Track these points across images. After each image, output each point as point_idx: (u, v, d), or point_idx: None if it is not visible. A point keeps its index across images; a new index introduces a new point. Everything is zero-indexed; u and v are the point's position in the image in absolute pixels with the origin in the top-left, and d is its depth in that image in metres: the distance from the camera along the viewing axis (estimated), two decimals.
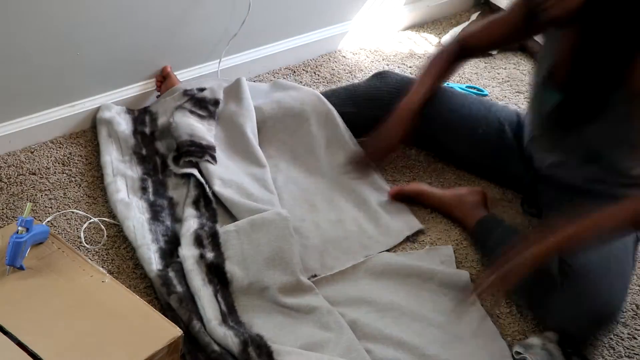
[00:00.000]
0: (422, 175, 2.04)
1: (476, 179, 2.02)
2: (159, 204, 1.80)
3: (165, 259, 1.65)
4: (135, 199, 1.80)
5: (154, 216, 1.76)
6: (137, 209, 1.77)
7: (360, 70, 2.49)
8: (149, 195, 1.83)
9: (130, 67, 2.10)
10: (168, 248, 1.68)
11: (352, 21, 2.59)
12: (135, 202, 1.79)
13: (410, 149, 2.08)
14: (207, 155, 1.87)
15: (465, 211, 1.88)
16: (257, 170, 1.91)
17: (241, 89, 2.06)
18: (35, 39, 1.86)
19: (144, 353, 1.35)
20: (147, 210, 1.77)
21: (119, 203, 1.78)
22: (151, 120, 2.04)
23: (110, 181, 1.85)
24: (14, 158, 1.95)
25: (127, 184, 1.85)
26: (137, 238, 1.69)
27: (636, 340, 1.64)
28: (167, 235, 1.72)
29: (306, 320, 1.58)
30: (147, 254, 1.65)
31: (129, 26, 2.02)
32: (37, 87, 1.95)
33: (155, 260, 1.64)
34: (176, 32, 2.14)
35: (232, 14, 2.21)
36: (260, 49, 2.38)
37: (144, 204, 1.79)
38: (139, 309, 1.45)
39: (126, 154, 1.93)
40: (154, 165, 1.92)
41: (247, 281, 1.61)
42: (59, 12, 1.86)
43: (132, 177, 1.86)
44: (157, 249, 1.67)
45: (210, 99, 2.03)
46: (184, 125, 1.93)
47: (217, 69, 2.25)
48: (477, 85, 2.49)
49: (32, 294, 1.46)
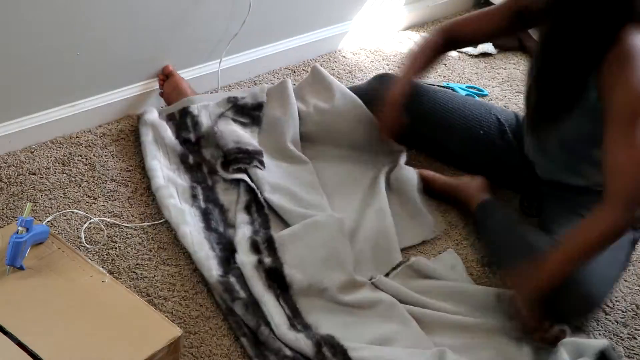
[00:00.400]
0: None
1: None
2: (210, 210, 1.81)
3: (223, 266, 1.66)
4: (187, 207, 1.80)
5: (207, 225, 1.77)
6: (190, 216, 1.77)
7: (360, 70, 2.49)
8: (199, 202, 1.83)
9: (131, 67, 2.10)
10: (224, 255, 1.70)
11: (352, 21, 2.59)
12: (188, 209, 1.80)
13: (410, 149, 2.08)
14: (255, 160, 1.88)
15: (469, 193, 1.89)
16: (304, 172, 1.93)
17: (287, 93, 2.05)
18: (35, 39, 1.86)
19: (144, 353, 1.36)
20: (200, 219, 1.78)
21: (173, 208, 1.78)
22: (193, 125, 2.01)
23: (162, 185, 1.84)
24: (14, 158, 1.95)
25: (177, 191, 1.85)
26: (194, 244, 1.70)
27: (636, 340, 1.65)
28: (222, 243, 1.73)
29: (370, 315, 1.60)
30: (205, 261, 1.66)
31: (129, 26, 2.02)
32: (37, 87, 1.95)
33: (215, 267, 1.65)
34: (176, 32, 2.14)
35: (233, 14, 2.21)
36: (260, 49, 2.38)
37: (196, 211, 1.80)
38: (139, 309, 1.45)
39: (173, 162, 1.93)
40: (201, 173, 1.92)
41: (306, 283, 1.62)
42: (59, 12, 1.86)
43: (183, 185, 1.86)
44: (214, 256, 1.68)
45: (252, 104, 2.03)
46: (228, 132, 1.93)
47: (217, 69, 2.25)
48: (477, 85, 2.49)
49: (32, 294, 1.46)
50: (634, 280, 1.79)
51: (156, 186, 1.85)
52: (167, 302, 1.62)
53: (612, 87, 1.48)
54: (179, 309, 1.61)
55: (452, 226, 1.90)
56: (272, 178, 1.88)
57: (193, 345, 1.53)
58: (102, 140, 2.05)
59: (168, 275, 1.68)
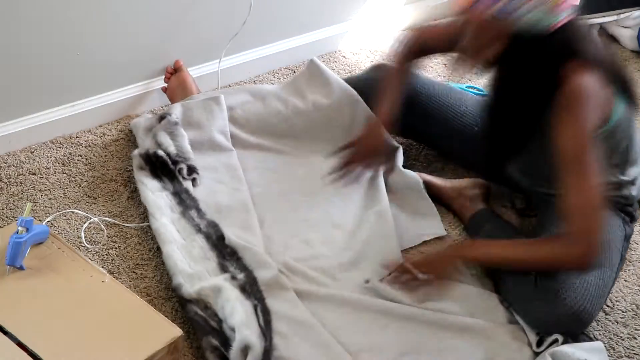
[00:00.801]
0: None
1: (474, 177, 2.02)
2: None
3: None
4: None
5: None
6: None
7: (360, 70, 2.49)
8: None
9: (131, 67, 2.10)
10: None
11: (352, 21, 2.59)
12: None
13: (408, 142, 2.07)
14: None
15: (462, 204, 1.89)
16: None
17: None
18: (35, 39, 1.86)
19: (144, 353, 1.36)
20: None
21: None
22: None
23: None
24: (14, 158, 1.95)
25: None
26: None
27: (636, 340, 1.64)
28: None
29: None
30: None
31: (129, 26, 2.02)
32: (37, 87, 1.95)
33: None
34: (176, 32, 2.14)
35: (233, 14, 2.20)
36: (261, 49, 2.38)
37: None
38: (139, 309, 1.45)
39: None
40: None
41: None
42: (59, 12, 1.87)
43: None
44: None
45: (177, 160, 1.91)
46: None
47: (216, 69, 2.25)
48: (476, 85, 2.49)
49: (32, 294, 1.46)
50: (634, 280, 1.79)
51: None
52: (167, 302, 1.62)
53: (558, 129, 1.48)
54: (179, 309, 1.60)
55: (449, 227, 1.90)
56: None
57: (193, 346, 1.53)
58: (102, 140, 2.05)
59: (168, 275, 1.67)
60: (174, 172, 1.85)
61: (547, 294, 1.54)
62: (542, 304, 1.54)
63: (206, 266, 1.64)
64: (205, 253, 1.67)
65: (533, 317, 1.57)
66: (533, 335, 1.57)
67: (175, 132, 1.94)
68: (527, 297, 1.57)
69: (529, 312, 1.58)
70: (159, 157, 1.86)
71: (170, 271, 1.63)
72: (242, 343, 1.44)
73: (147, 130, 1.99)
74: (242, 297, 1.55)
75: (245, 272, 1.62)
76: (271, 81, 2.38)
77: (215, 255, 1.67)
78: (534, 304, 1.56)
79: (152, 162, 1.86)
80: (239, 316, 1.49)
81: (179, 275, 1.60)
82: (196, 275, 1.61)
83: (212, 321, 1.51)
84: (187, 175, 1.86)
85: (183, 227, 1.74)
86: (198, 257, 1.66)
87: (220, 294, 1.55)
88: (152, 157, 1.87)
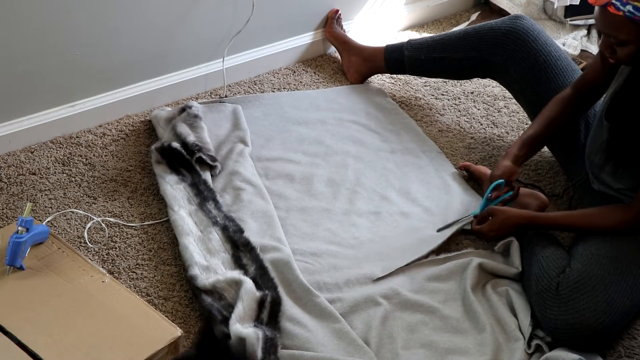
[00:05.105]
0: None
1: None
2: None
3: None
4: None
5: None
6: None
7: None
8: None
9: (131, 67, 2.10)
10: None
11: (352, 21, 2.59)
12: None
13: None
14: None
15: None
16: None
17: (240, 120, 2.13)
18: (36, 39, 1.86)
19: (144, 353, 1.36)
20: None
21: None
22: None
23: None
24: (14, 158, 1.95)
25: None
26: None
27: (636, 340, 1.64)
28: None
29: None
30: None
31: (130, 26, 2.02)
32: (37, 87, 1.95)
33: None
34: (178, 32, 2.14)
35: (235, 14, 2.21)
36: (261, 48, 2.38)
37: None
38: (139, 309, 1.46)
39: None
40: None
41: None
42: (59, 12, 1.87)
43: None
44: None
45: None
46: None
47: (219, 67, 2.25)
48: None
49: (32, 294, 1.46)
50: None
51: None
52: (167, 302, 1.62)
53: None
54: (179, 309, 1.60)
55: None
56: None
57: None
58: (102, 140, 2.05)
59: (168, 275, 1.68)
60: (191, 162, 1.89)
61: (567, 300, 1.54)
62: (560, 309, 1.54)
63: (221, 259, 1.67)
64: (220, 246, 1.70)
65: (549, 321, 1.56)
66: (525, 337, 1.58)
67: (195, 124, 2.00)
68: (548, 300, 1.57)
69: (546, 315, 1.57)
70: (174, 149, 1.90)
71: (186, 262, 1.65)
72: (235, 336, 1.45)
73: (167, 122, 2.04)
74: (254, 290, 1.56)
75: (256, 263, 1.65)
76: (271, 81, 2.38)
77: (230, 247, 1.70)
78: (552, 308, 1.55)
79: (168, 156, 1.90)
80: (237, 310, 1.51)
81: (195, 266, 1.63)
82: (212, 268, 1.63)
83: (225, 312, 1.53)
84: (211, 162, 1.91)
85: (200, 219, 1.77)
86: (213, 249, 1.69)
87: (238, 287, 1.57)
88: (167, 150, 1.90)
